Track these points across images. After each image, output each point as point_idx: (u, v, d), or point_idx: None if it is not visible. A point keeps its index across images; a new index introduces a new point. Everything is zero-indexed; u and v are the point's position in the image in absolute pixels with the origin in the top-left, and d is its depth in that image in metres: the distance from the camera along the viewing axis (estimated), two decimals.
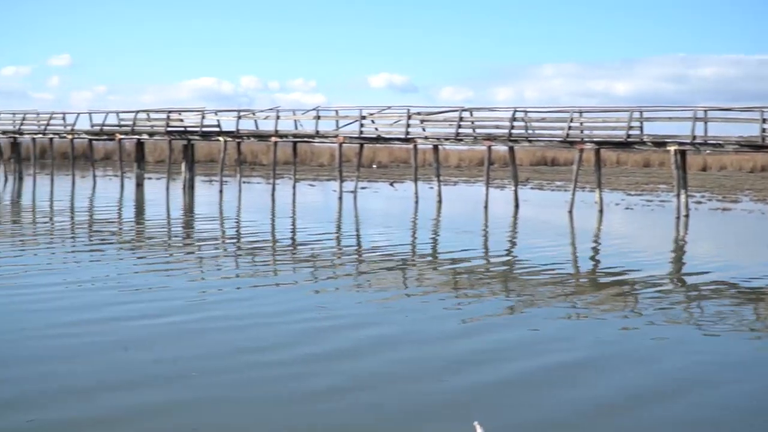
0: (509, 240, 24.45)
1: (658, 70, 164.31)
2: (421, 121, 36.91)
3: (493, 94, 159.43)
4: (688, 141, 31.02)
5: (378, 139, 38.80)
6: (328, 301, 13.64)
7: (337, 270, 17.17)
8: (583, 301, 14.33)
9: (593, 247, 22.92)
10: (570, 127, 33.07)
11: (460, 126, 35.45)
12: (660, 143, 32.07)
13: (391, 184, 49.51)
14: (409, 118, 36.60)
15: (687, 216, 30.83)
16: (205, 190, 42.86)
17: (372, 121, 38.12)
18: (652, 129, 32.37)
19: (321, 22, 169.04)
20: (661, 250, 22.45)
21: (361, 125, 37.94)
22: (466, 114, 35.77)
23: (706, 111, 30.88)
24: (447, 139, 36.68)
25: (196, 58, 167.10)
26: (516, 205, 33.93)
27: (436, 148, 37.61)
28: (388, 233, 24.55)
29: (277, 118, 40.17)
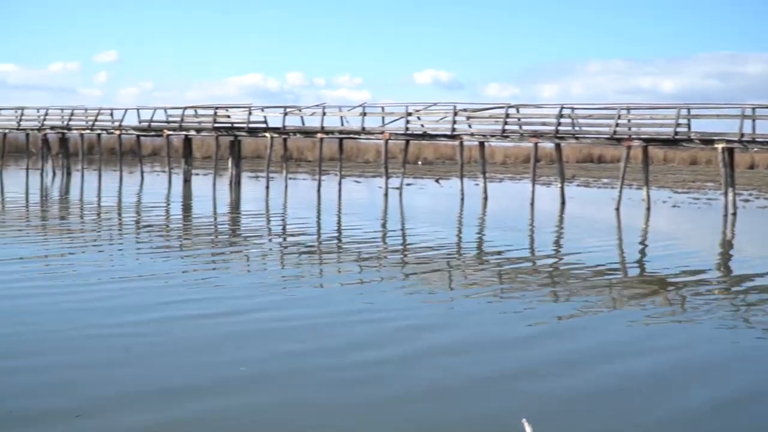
0: (558, 238, 24.29)
1: (704, 67, 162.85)
2: (467, 117, 36.86)
3: (539, 90, 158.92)
4: (736, 139, 30.71)
5: (424, 135, 38.77)
6: (389, 302, 13.41)
7: (391, 268, 17.14)
8: (641, 304, 14.06)
9: (642, 246, 22.72)
10: (617, 124, 32.87)
11: (506, 123, 35.35)
12: (707, 141, 31.80)
13: (437, 181, 49.47)
14: (455, 114, 36.55)
15: (734, 214, 30.52)
16: (252, 186, 43.10)
17: (418, 118, 38.12)
18: (700, 126, 32.17)
19: (367, 18, 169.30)
20: (710, 249, 22.27)
21: (406, 122, 37.95)
22: (512, 111, 35.67)
23: (754, 108, 30.59)
24: (493, 136, 36.61)
25: (242, 54, 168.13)
26: (562, 203, 33.81)
27: (482, 144, 37.51)
28: (437, 231, 24.42)
29: (323, 114, 40.32)
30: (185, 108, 44.47)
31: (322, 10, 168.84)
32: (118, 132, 47.38)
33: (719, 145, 31.18)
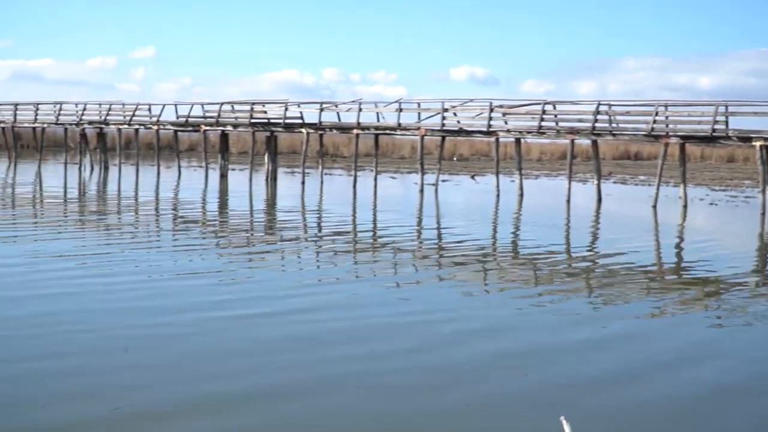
0: (595, 236, 24.20)
1: (742, 64, 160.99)
2: (504, 114, 36.79)
3: (575, 87, 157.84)
4: None
5: (460, 131, 38.75)
6: (433, 302, 13.27)
7: (431, 268, 17.15)
8: (696, 303, 14.02)
9: (684, 244, 22.66)
10: (655, 121, 32.70)
11: (542, 119, 35.27)
12: (745, 138, 31.56)
13: (473, 178, 49.39)
14: (491, 111, 36.48)
15: None
16: (288, 181, 43.23)
17: (454, 114, 38.10)
18: (737, 124, 31.98)
19: (403, 14, 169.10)
20: (749, 247, 22.12)
21: (442, 118, 37.94)
22: (548, 107, 35.57)
23: None
24: (529, 133, 36.52)
25: (278, 50, 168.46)
26: (599, 200, 33.66)
27: (518, 141, 37.43)
28: (474, 228, 24.44)
29: (360, 110, 40.37)
30: (222, 104, 44.67)
31: (358, 6, 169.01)
32: (155, 127, 47.65)
33: (757, 143, 30.92)
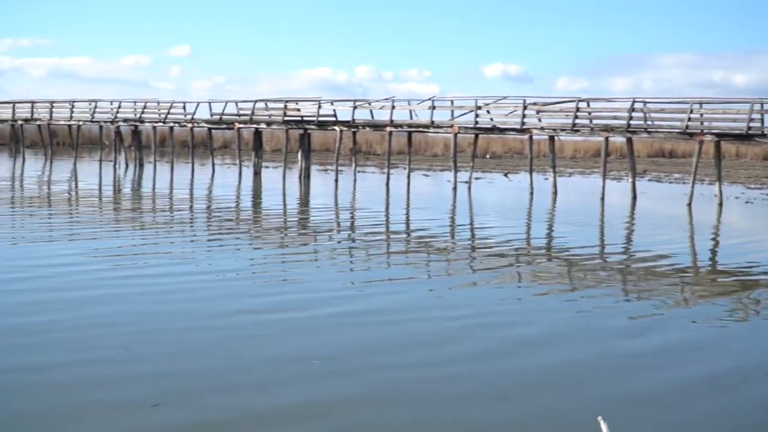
0: (633, 235, 23.99)
1: None
2: (537, 111, 36.69)
3: (610, 84, 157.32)
4: None
5: (493, 129, 38.67)
6: (473, 299, 13.23)
7: (468, 264, 17.14)
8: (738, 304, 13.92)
9: (721, 242, 22.49)
10: (690, 119, 32.47)
11: (576, 116, 35.13)
12: None
13: (506, 175, 49.30)
14: (525, 108, 36.40)
15: None
16: (321, 179, 43.36)
17: (487, 111, 38.03)
18: None
19: (436, 11, 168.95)
20: None
21: (476, 115, 37.89)
22: (582, 104, 35.42)
23: None
24: (563, 130, 36.38)
25: (311, 48, 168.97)
26: (633, 198, 33.48)
27: (552, 138, 37.30)
28: (512, 226, 24.32)
29: (393, 108, 40.40)
30: (256, 101, 44.83)
31: (390, 4, 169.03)
32: (190, 125, 47.92)
33: None
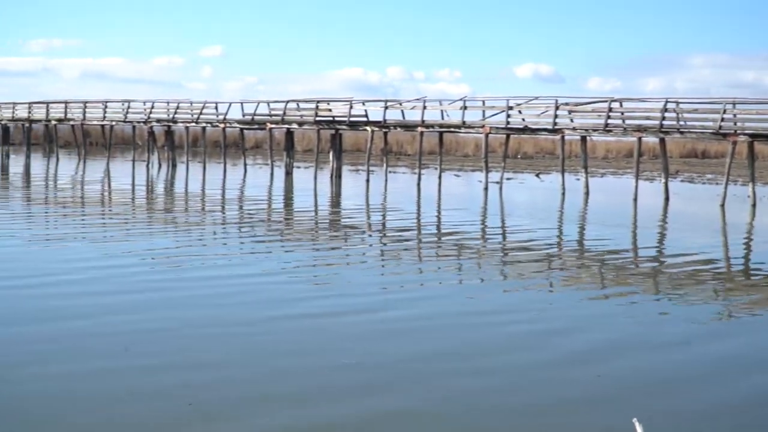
0: (667, 236, 23.86)
1: None
2: (569, 111, 36.53)
3: (642, 84, 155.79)
4: None
5: (525, 129, 38.57)
6: (512, 301, 13.13)
7: (506, 266, 17.04)
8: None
9: (762, 244, 22.37)
10: (723, 119, 32.22)
11: (609, 117, 34.95)
12: None
13: (537, 176, 49.17)
14: (557, 108, 36.26)
15: None
16: (352, 179, 43.42)
17: (519, 112, 37.92)
18: None
19: (467, 12, 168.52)
20: None
21: (507, 116, 37.79)
22: (615, 105, 35.24)
23: None
24: (595, 130, 36.21)
25: (343, 48, 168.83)
26: (666, 198, 33.26)
27: (584, 139, 37.15)
28: (546, 227, 24.23)
29: (424, 108, 40.36)
30: (287, 102, 44.95)
31: (422, 4, 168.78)
32: (222, 125, 48.11)
33: None
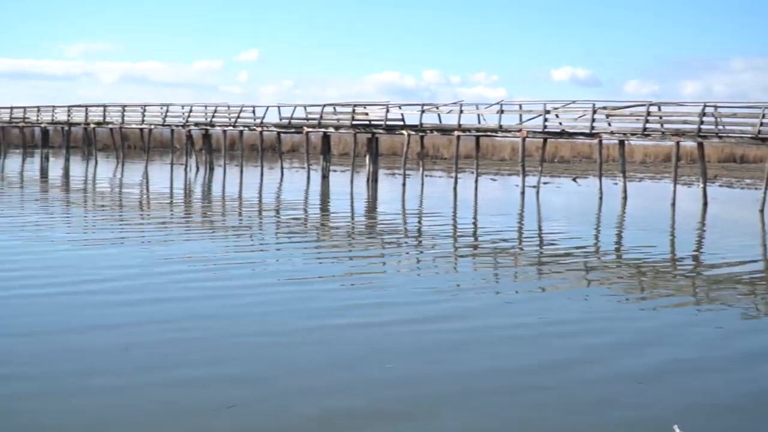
0: (705, 240, 23.74)
1: None
2: (607, 115, 36.37)
3: (680, 88, 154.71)
4: None
5: (562, 133, 38.44)
6: (570, 311, 12.91)
7: (558, 274, 16.86)
8: None
9: None
10: (762, 123, 31.94)
11: (647, 121, 34.76)
12: None
13: (575, 180, 48.99)
14: (594, 112, 36.11)
15: None
16: (388, 183, 43.45)
17: (556, 116, 37.81)
18: None
19: (503, 15, 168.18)
20: None
21: (544, 119, 37.69)
22: (653, 108, 35.04)
23: None
24: (633, 134, 36.01)
25: (379, 52, 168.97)
26: (704, 203, 33.02)
27: (622, 143, 36.97)
28: (585, 232, 24.22)
29: (461, 112, 40.35)
30: (324, 105, 45.07)
31: (458, 8, 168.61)
32: (259, 129, 48.33)
33: None
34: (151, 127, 54.44)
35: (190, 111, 51.30)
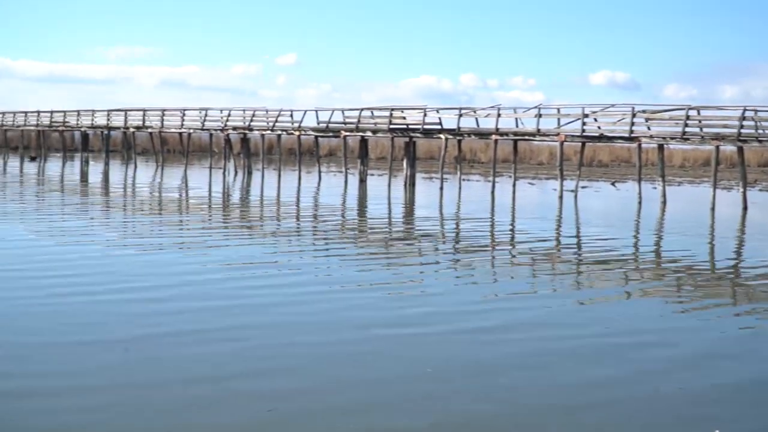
0: (746, 246, 23.53)
1: None
2: (646, 119, 36.19)
3: (719, 92, 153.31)
4: None
5: (600, 137, 38.27)
6: (612, 314, 12.85)
7: (599, 276, 16.95)
8: None
9: None
10: None
11: (686, 125, 34.55)
12: None
13: (613, 184, 48.78)
14: (633, 116, 35.93)
15: None
16: (426, 187, 43.47)
17: (595, 119, 37.67)
18: None
19: (540, 18, 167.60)
20: None
21: (583, 123, 37.55)
22: (693, 112, 34.82)
23: None
24: (673, 138, 35.80)
25: (416, 56, 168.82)
26: (744, 208, 32.77)
27: (661, 147, 36.75)
28: (627, 236, 24.10)
29: (498, 115, 40.31)
30: (362, 109, 45.20)
31: (495, 12, 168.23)
32: (297, 133, 48.56)
33: None
34: (190, 131, 54.88)
35: (229, 115, 51.65)
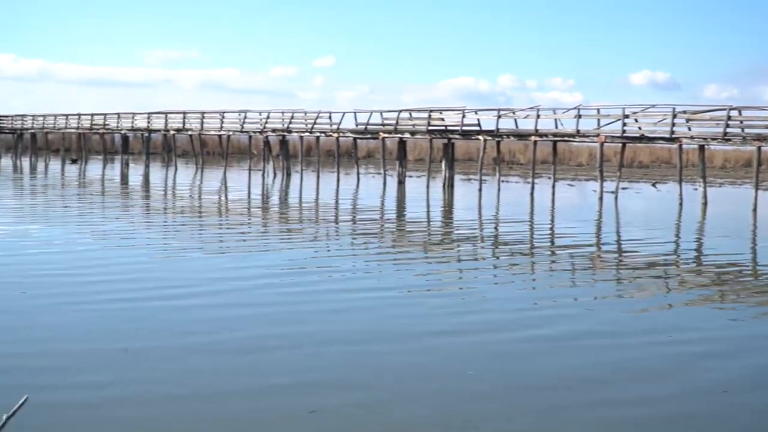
0: None
1: None
2: (687, 120, 35.89)
3: (760, 92, 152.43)
4: None
5: (641, 138, 38.01)
6: (680, 320, 12.61)
7: (655, 281, 16.76)
8: None
9: None
10: None
11: (727, 125, 34.23)
12: None
13: (654, 185, 48.45)
14: (674, 116, 35.65)
15: None
16: (464, 188, 43.40)
17: (635, 120, 37.42)
18: None
19: (579, 18, 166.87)
20: None
21: (623, 124, 37.31)
22: (734, 113, 34.48)
23: None
24: (714, 139, 35.47)
25: (454, 57, 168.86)
26: None
27: (702, 148, 36.44)
28: (670, 239, 23.95)
29: (537, 117, 40.16)
30: (400, 111, 45.20)
31: (534, 12, 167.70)
32: (335, 135, 48.66)
33: None
34: (230, 133, 55.20)
35: (267, 117, 51.90)
